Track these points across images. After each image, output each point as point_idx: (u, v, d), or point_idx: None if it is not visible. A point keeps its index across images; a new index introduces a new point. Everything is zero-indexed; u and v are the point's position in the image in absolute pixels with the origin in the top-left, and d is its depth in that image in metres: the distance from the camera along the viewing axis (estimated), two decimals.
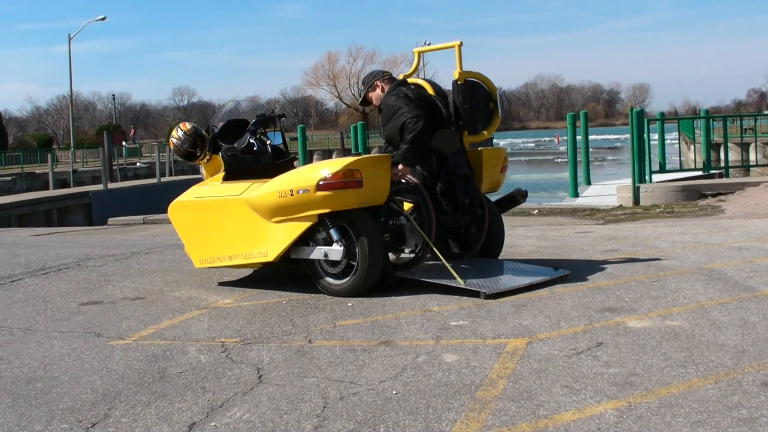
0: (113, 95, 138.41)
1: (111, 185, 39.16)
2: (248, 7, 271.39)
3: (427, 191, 8.20)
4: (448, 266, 7.89)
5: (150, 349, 6.31)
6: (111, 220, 22.45)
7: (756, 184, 17.91)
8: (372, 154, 8.41)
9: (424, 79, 9.20)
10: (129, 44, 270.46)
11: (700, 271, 8.20)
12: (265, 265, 8.62)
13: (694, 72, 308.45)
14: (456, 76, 8.89)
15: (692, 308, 6.71)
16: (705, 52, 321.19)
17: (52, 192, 38.29)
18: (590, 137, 20.45)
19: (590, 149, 20.95)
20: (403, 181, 8.27)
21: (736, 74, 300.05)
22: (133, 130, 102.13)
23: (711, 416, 4.36)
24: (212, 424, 4.64)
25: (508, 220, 9.85)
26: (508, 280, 7.93)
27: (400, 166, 8.20)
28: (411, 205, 8.21)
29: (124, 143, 73.14)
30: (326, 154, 69.79)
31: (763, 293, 7.16)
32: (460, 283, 7.63)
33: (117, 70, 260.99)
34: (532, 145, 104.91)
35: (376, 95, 8.74)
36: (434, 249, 8.25)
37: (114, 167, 49.22)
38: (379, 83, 8.72)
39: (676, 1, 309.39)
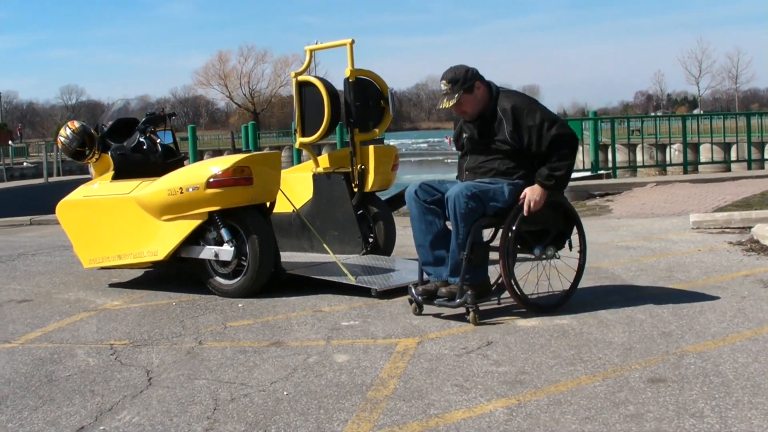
0: None
1: None
2: (134, 5, 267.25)
3: None
4: (340, 263, 7.90)
5: (37, 353, 6.19)
6: None
7: (643, 184, 18.20)
8: (262, 152, 8.36)
9: (317, 77, 9.21)
10: (13, 41, 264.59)
11: (588, 270, 8.29)
12: (155, 265, 8.54)
13: (583, 74, 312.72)
14: (347, 74, 8.92)
15: (580, 307, 6.80)
16: (594, 54, 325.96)
17: None
18: None
19: None
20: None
21: (624, 77, 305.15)
22: (19, 129, 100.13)
23: (599, 413, 4.42)
24: (101, 428, 4.57)
25: (399, 220, 9.88)
26: (398, 277, 7.96)
27: (536, 191, 6.53)
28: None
29: (10, 142, 71.62)
30: (217, 154, 69.16)
31: (649, 291, 7.30)
32: (351, 279, 7.64)
33: (2, 67, 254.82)
34: (425, 145, 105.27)
35: (473, 98, 6.69)
36: (324, 246, 8.28)
37: (0, 167, 48.25)
38: (479, 83, 6.70)
39: (563, 3, 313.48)
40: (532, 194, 6.47)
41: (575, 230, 6.92)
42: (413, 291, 6.77)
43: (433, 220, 6.68)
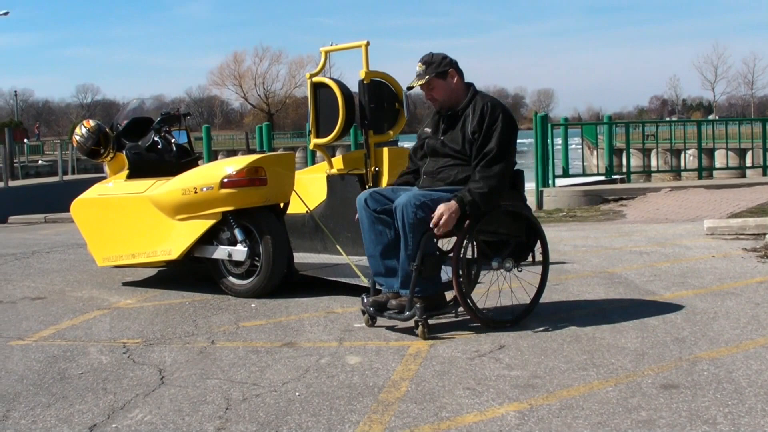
0: (15, 91, 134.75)
1: (12, 183, 38.43)
2: (151, 4, 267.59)
3: None
4: (353, 265, 7.90)
5: (50, 350, 6.20)
6: (11, 219, 22.01)
7: (657, 189, 18.19)
8: (276, 152, 8.37)
9: (331, 79, 9.20)
10: (30, 39, 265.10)
11: (602, 275, 8.31)
12: (169, 264, 8.55)
13: (598, 78, 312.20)
14: (362, 75, 8.90)
15: (593, 311, 6.79)
16: (609, 59, 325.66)
17: None
18: None
19: None
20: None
21: (639, 81, 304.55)
22: (37, 126, 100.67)
23: (611, 418, 4.41)
24: (113, 425, 4.57)
25: None
26: None
27: (444, 207, 6.09)
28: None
29: (26, 140, 71.80)
30: (231, 154, 69.24)
31: (662, 297, 7.28)
32: (364, 281, 7.62)
33: (19, 65, 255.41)
34: None
35: (445, 85, 6.61)
36: (337, 247, 8.27)
37: (15, 165, 48.37)
38: (454, 72, 6.61)
39: (581, 8, 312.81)
40: (443, 208, 6.06)
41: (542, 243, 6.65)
42: (364, 301, 6.56)
43: (383, 230, 6.40)
